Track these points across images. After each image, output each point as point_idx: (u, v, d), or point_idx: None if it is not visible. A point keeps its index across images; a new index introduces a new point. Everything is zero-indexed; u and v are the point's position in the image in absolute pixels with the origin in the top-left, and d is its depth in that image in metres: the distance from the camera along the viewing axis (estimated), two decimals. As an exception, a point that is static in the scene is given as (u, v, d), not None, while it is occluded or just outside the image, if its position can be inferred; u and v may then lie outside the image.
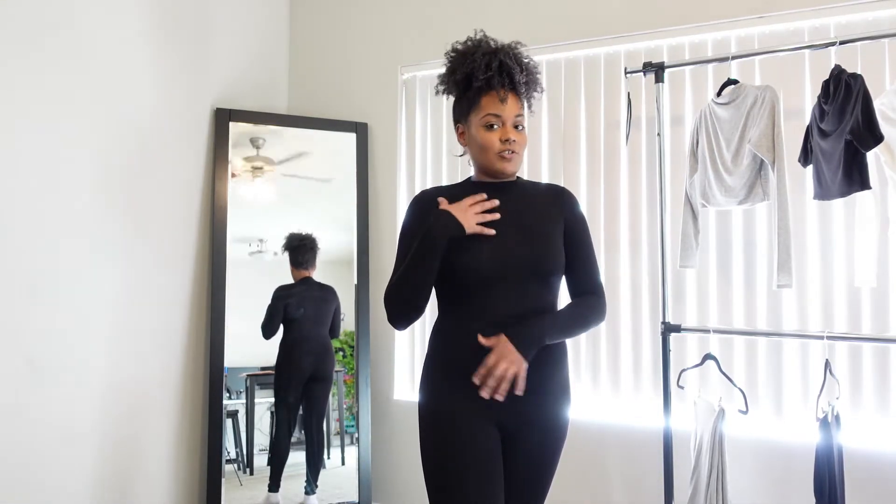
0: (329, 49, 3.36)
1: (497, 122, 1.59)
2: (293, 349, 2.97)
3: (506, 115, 1.59)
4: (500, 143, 1.59)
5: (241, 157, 3.03)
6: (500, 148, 1.59)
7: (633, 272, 2.75)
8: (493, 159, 1.60)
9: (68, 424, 2.30)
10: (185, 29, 2.82)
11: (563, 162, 2.88)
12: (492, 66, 1.57)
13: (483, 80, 1.57)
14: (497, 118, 1.58)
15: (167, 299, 2.72)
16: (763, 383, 2.51)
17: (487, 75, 1.56)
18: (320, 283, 3.05)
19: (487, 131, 1.59)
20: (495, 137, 1.59)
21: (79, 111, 2.36)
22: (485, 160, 1.62)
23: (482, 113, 1.59)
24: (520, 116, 1.61)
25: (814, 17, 2.45)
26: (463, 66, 1.60)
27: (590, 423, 2.73)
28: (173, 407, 2.75)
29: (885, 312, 2.35)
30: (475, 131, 1.61)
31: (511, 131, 1.59)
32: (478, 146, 1.61)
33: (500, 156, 1.59)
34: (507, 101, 1.59)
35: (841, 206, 2.39)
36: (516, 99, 1.62)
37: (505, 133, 1.59)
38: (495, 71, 1.57)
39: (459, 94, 1.65)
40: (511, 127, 1.59)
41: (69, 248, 2.32)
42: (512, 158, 1.60)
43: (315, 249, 3.06)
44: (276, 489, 2.88)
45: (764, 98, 2.23)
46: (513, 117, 1.60)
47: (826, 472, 2.03)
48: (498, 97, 1.58)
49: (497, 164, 1.60)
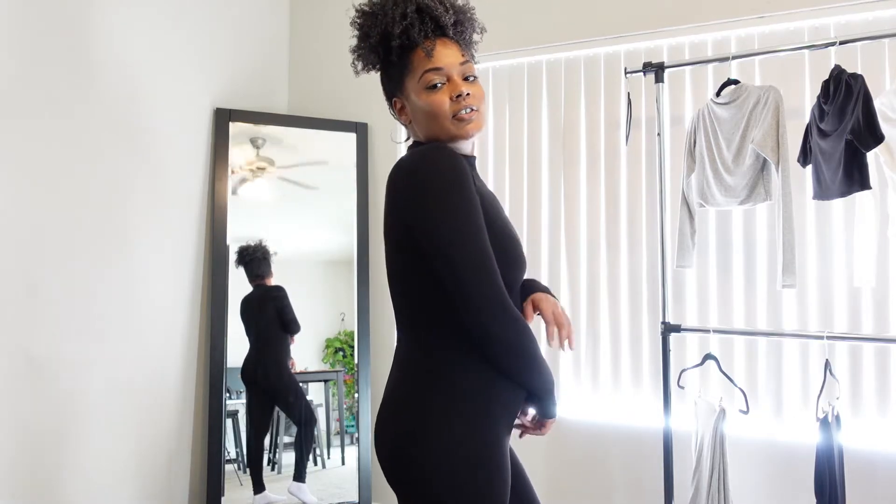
0: (329, 49, 3.36)
1: (439, 77, 1.28)
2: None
3: (447, 66, 1.28)
4: (453, 102, 1.28)
5: (241, 157, 3.03)
6: (453, 108, 1.28)
7: (633, 272, 2.75)
8: (449, 124, 1.28)
9: (67, 425, 2.30)
10: (185, 29, 2.82)
11: (563, 162, 2.88)
12: (407, 14, 1.28)
13: (402, 34, 1.28)
14: (438, 72, 1.27)
15: (167, 299, 2.72)
16: (763, 383, 2.51)
17: (404, 25, 1.27)
18: (267, 288, 3.02)
19: (431, 93, 1.28)
20: (444, 97, 1.28)
21: (78, 111, 2.36)
22: (438, 128, 1.29)
23: (417, 73, 1.28)
24: (466, 64, 1.31)
25: (814, 17, 2.45)
26: (375, 26, 1.30)
27: (590, 423, 2.73)
28: (173, 407, 2.74)
29: (885, 312, 2.35)
30: (416, 98, 1.30)
31: (461, 84, 1.29)
32: (424, 114, 1.30)
33: (457, 117, 1.28)
34: (442, 50, 1.29)
35: (841, 206, 2.39)
36: (454, 45, 1.31)
37: (455, 87, 1.28)
38: (414, 18, 1.28)
39: (382, 63, 1.34)
40: (459, 79, 1.29)
41: (69, 247, 2.32)
42: (472, 117, 1.29)
43: (268, 258, 3.01)
44: (260, 490, 2.88)
45: (767, 98, 2.23)
46: (457, 66, 1.29)
47: (826, 472, 2.03)
48: (426, 49, 1.28)
49: (455, 128, 1.29)
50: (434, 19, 1.29)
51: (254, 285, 2.97)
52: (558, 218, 2.87)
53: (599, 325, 2.79)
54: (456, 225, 1.18)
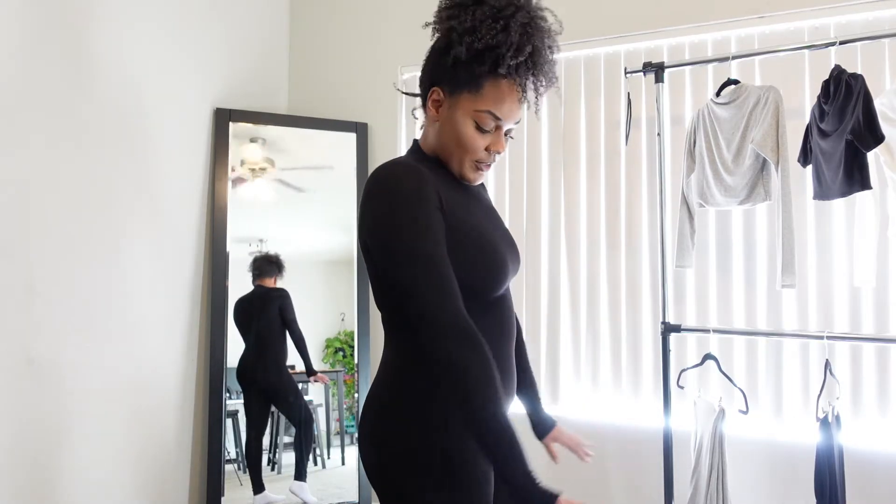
0: (329, 49, 3.36)
1: (493, 125, 1.22)
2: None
3: (507, 120, 1.23)
4: (484, 153, 1.24)
5: (241, 157, 3.03)
6: (481, 157, 1.25)
7: (633, 272, 2.75)
8: (466, 163, 1.25)
9: (67, 425, 2.30)
10: (186, 29, 2.82)
11: (563, 162, 2.88)
12: (524, 50, 1.16)
13: (505, 65, 1.16)
14: (496, 120, 1.21)
15: (167, 299, 2.72)
16: (763, 383, 2.51)
17: (517, 61, 1.16)
18: (268, 288, 3.03)
19: (476, 130, 1.22)
20: (482, 142, 1.23)
21: (78, 111, 2.36)
22: (454, 160, 1.25)
23: (480, 102, 1.20)
24: (517, 123, 1.27)
25: (814, 17, 2.45)
26: (489, 33, 1.15)
27: (590, 423, 2.73)
28: (173, 407, 2.74)
29: (885, 312, 2.35)
30: (461, 118, 1.22)
31: (502, 141, 1.25)
32: (454, 136, 1.23)
33: (477, 164, 1.25)
34: (515, 104, 1.22)
35: (841, 206, 2.39)
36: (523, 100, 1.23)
37: (497, 143, 1.24)
38: (526, 59, 1.17)
39: (462, 59, 1.19)
40: (503, 135, 1.25)
41: (68, 247, 2.32)
42: (486, 170, 1.28)
43: (277, 262, 3.03)
44: (260, 490, 2.88)
45: (767, 98, 2.23)
46: (511, 124, 1.25)
47: (826, 472, 2.03)
48: (517, 95, 1.20)
49: (468, 170, 1.26)
50: (535, 69, 1.20)
51: (255, 285, 2.98)
52: (558, 218, 2.87)
53: (599, 324, 2.79)
54: (401, 246, 1.12)
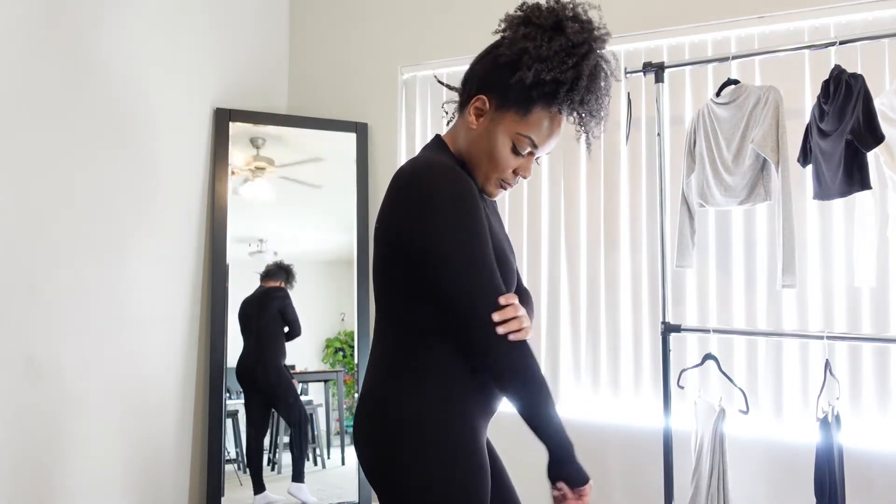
0: (329, 49, 3.36)
1: (528, 149, 1.26)
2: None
3: (543, 148, 1.28)
4: (512, 174, 1.29)
5: (241, 157, 3.03)
6: (508, 177, 1.29)
7: (633, 272, 2.75)
8: (492, 178, 1.29)
9: (67, 424, 2.30)
10: (185, 29, 2.82)
11: (563, 162, 2.88)
12: (586, 93, 1.23)
13: (568, 104, 1.22)
14: (532, 147, 1.26)
15: (167, 299, 2.72)
16: (763, 383, 2.51)
17: (576, 100, 1.22)
18: (268, 288, 3.04)
19: (511, 151, 1.26)
20: (513, 163, 1.27)
21: (78, 111, 2.36)
22: (481, 172, 1.29)
23: (525, 129, 1.24)
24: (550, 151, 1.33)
25: (814, 17, 2.45)
26: (559, 68, 1.18)
27: (590, 423, 2.73)
28: (173, 407, 2.74)
29: (885, 312, 2.35)
30: (500, 136, 1.25)
31: (530, 168, 1.30)
32: (487, 149, 1.26)
33: (502, 182, 1.30)
34: (555, 137, 1.28)
35: (841, 206, 2.39)
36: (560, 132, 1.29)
37: (526, 168, 1.29)
38: (584, 101, 1.23)
39: (511, 71, 1.22)
40: (533, 159, 1.30)
41: (68, 247, 2.32)
42: (506, 190, 1.33)
43: (286, 268, 3.06)
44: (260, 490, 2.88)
45: (767, 98, 2.23)
46: (545, 151, 1.30)
47: (826, 472, 2.03)
48: (559, 126, 1.26)
49: (491, 186, 1.30)
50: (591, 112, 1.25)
51: (259, 286, 2.99)
52: (558, 218, 2.87)
53: (599, 324, 2.79)
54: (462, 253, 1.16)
